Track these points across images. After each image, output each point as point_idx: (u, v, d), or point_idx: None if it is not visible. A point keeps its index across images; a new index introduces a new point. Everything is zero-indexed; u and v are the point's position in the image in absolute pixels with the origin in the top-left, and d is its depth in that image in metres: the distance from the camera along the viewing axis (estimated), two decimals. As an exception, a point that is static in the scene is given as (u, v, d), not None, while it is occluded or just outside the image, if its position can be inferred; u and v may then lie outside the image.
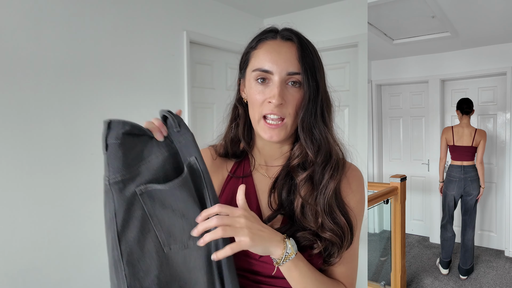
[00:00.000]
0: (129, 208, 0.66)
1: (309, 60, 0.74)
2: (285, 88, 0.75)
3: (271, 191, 0.79)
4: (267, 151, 0.84)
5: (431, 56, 3.50)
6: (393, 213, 2.61)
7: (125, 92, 2.21)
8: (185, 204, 0.68)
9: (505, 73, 3.24)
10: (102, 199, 0.67)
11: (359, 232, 0.81)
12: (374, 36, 2.97)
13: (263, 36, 0.79)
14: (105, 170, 0.66)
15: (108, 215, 0.67)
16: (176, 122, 0.71)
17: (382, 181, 3.95)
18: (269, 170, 0.84)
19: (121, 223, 0.66)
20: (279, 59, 0.74)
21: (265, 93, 0.75)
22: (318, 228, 0.73)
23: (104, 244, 0.69)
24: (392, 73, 3.83)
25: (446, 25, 2.72)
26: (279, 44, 0.76)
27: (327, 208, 0.73)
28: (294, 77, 0.74)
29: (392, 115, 3.97)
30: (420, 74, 3.61)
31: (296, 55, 0.74)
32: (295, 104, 0.75)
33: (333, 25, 2.85)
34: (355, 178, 0.81)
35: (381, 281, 2.85)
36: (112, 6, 2.14)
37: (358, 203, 0.80)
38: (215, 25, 2.80)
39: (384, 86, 3.98)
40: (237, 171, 0.86)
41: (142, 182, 0.67)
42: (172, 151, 0.71)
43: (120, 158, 0.65)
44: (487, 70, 3.28)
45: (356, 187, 0.81)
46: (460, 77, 3.40)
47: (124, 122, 0.66)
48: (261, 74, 0.76)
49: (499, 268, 3.12)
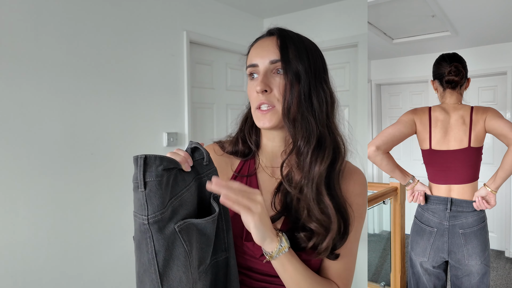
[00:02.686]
0: (169, 247, 0.63)
1: (290, 47, 0.77)
2: (271, 76, 0.78)
3: (275, 192, 0.80)
4: (273, 147, 0.86)
5: (431, 56, 3.49)
6: (393, 213, 2.60)
7: (125, 92, 2.21)
8: (212, 237, 0.71)
9: (505, 73, 3.24)
10: (102, 199, 0.67)
11: (358, 234, 0.81)
12: (374, 36, 2.97)
13: (255, 40, 0.85)
14: (139, 209, 0.63)
15: (145, 257, 0.63)
16: (206, 155, 0.72)
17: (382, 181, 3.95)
18: (274, 171, 0.85)
19: (162, 263, 0.62)
20: (262, 51, 0.79)
21: (254, 85, 0.80)
22: (305, 217, 0.73)
23: (104, 244, 0.68)
24: (391, 73, 3.83)
25: (446, 24, 2.72)
26: (264, 39, 0.82)
27: (314, 195, 0.73)
28: (276, 64, 0.77)
29: (392, 115, 3.97)
30: (420, 74, 3.61)
31: (277, 45, 0.78)
32: (281, 90, 0.77)
33: (333, 25, 2.85)
34: (360, 182, 0.83)
35: (381, 281, 2.85)
36: (112, 6, 2.14)
37: (360, 206, 0.82)
38: (215, 25, 2.80)
39: (384, 86, 3.98)
40: (242, 170, 0.88)
41: (179, 218, 0.66)
42: (197, 183, 0.72)
43: (161, 196, 0.63)
44: (487, 69, 3.27)
45: (360, 191, 0.82)
46: (460, 77, 3.39)
47: (161, 158, 0.63)
48: (250, 69, 0.81)
49: (499, 269, 3.12)
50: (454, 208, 1.57)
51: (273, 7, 2.95)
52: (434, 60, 1.68)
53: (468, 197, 1.57)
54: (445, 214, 1.58)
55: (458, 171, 1.58)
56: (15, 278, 1.77)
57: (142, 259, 0.63)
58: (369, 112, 3.55)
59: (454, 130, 1.58)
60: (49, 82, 1.88)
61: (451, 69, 1.58)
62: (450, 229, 1.56)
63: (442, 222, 1.58)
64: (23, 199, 1.80)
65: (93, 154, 2.05)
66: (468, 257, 1.55)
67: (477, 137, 1.54)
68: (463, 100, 1.65)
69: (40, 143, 1.86)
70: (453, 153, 1.58)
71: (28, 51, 1.80)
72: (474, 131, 1.54)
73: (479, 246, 1.54)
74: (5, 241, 1.74)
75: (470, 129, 1.54)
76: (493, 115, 1.51)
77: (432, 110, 1.63)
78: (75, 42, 1.98)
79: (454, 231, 1.56)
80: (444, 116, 1.60)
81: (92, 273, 2.06)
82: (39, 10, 1.84)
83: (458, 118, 1.57)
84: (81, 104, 2.01)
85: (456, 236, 1.56)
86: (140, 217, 0.62)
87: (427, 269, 1.66)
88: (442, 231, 1.58)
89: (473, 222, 1.55)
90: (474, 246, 1.54)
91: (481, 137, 1.54)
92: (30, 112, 1.82)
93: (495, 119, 1.50)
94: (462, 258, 1.55)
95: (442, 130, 1.60)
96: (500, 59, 3.22)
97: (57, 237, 1.92)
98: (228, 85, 3.01)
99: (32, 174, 1.83)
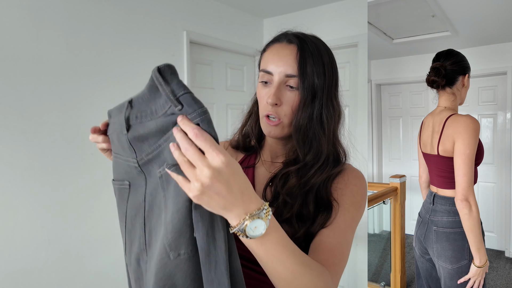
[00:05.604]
0: (153, 193, 0.61)
1: (309, 62, 0.76)
2: (284, 89, 0.78)
3: (267, 184, 0.82)
4: (273, 147, 0.88)
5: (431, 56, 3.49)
6: (393, 213, 2.61)
7: (125, 92, 2.21)
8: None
9: (505, 73, 3.24)
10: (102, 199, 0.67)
11: (351, 231, 0.76)
12: (374, 36, 2.97)
13: (273, 39, 0.84)
14: (129, 153, 0.62)
15: (140, 198, 0.64)
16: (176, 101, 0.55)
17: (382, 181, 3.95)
18: (272, 166, 0.87)
19: (148, 208, 0.61)
20: (279, 61, 0.77)
21: (266, 94, 0.79)
22: (286, 213, 0.74)
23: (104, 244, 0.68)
24: (391, 73, 3.83)
25: (446, 24, 2.72)
26: (283, 46, 0.79)
27: (301, 201, 0.75)
28: (291, 79, 0.76)
29: (392, 115, 3.97)
30: (420, 74, 3.60)
31: (296, 59, 0.76)
32: (290, 106, 0.77)
33: (333, 25, 2.85)
34: (354, 175, 0.81)
35: (381, 281, 2.85)
36: (112, 6, 2.14)
37: (354, 205, 0.77)
38: (215, 25, 2.80)
39: (384, 86, 3.98)
40: (244, 163, 0.91)
41: (161, 163, 0.58)
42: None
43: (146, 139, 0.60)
44: (487, 69, 3.27)
45: (357, 190, 0.79)
46: (460, 77, 3.39)
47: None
48: (264, 75, 0.79)
49: (499, 269, 3.12)
50: (435, 202, 1.59)
51: (273, 7, 2.95)
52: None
53: (448, 194, 1.56)
54: (429, 207, 1.62)
55: (433, 175, 1.64)
56: (15, 278, 1.77)
57: (135, 203, 0.64)
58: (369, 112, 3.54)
59: (431, 135, 1.58)
60: (49, 82, 1.88)
61: (431, 69, 1.56)
62: (429, 223, 1.59)
63: (426, 215, 1.63)
64: (23, 199, 1.80)
65: (93, 154, 2.05)
66: (438, 256, 1.52)
67: (444, 148, 1.50)
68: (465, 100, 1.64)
69: (40, 143, 1.85)
70: (428, 156, 1.64)
71: (28, 51, 1.80)
72: (443, 142, 1.50)
73: (449, 251, 1.48)
74: (5, 241, 1.74)
75: (439, 138, 1.51)
76: (460, 139, 1.42)
77: (425, 118, 1.69)
78: (75, 42, 1.98)
79: (431, 227, 1.57)
80: (430, 120, 1.62)
81: (92, 273, 2.06)
82: (39, 10, 1.84)
83: (436, 123, 1.56)
84: (81, 104, 2.01)
85: (431, 231, 1.57)
86: (132, 160, 0.63)
87: (417, 254, 1.72)
88: (424, 223, 1.62)
89: (447, 223, 1.51)
90: (444, 248, 1.50)
91: (449, 149, 1.48)
92: (30, 112, 1.82)
93: (459, 143, 1.42)
94: (433, 255, 1.57)
95: (426, 134, 1.64)
96: (500, 59, 3.22)
97: (57, 237, 1.92)
98: (228, 85, 3.01)
99: (32, 174, 1.83)
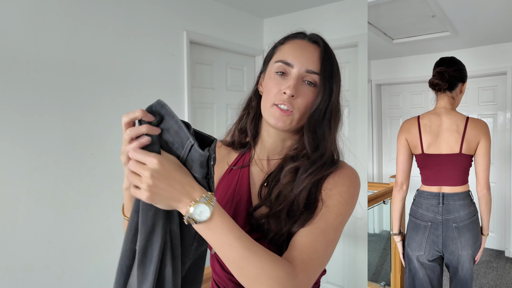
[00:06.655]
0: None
1: (329, 65, 0.79)
2: (301, 84, 0.78)
3: (263, 183, 0.82)
4: (270, 144, 0.86)
5: (431, 56, 3.49)
6: (393, 213, 2.60)
7: (125, 92, 2.21)
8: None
9: (505, 73, 3.24)
10: (102, 199, 0.67)
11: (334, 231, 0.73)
12: (374, 36, 2.97)
13: (292, 35, 0.84)
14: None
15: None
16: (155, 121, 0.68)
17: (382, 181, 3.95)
18: (269, 163, 0.86)
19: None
20: (301, 55, 0.78)
21: (281, 85, 0.78)
22: (275, 209, 0.75)
23: (104, 244, 0.68)
24: (392, 73, 3.83)
25: (446, 24, 2.72)
26: (306, 43, 0.81)
27: (291, 200, 0.76)
28: (311, 76, 0.78)
29: (392, 115, 3.97)
30: (420, 74, 3.61)
31: (319, 57, 0.78)
32: (306, 101, 0.78)
33: (333, 25, 2.85)
34: (344, 174, 0.79)
35: (381, 281, 2.85)
36: (112, 6, 2.14)
37: (340, 205, 0.75)
38: (215, 25, 2.80)
39: (384, 86, 3.98)
40: (238, 163, 0.90)
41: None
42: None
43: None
44: (487, 69, 3.27)
45: (346, 190, 0.77)
46: (460, 77, 3.39)
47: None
48: (282, 66, 0.79)
49: (499, 269, 3.12)
50: (446, 201, 1.67)
51: (273, 7, 2.95)
52: (435, 61, 1.77)
53: (458, 191, 1.69)
54: (438, 209, 1.67)
55: (449, 174, 1.68)
56: (15, 278, 1.77)
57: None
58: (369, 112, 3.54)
59: (445, 135, 1.66)
60: (49, 83, 1.88)
61: (435, 73, 1.68)
62: (443, 223, 1.66)
63: (435, 216, 1.68)
64: (23, 199, 1.80)
65: (93, 154, 2.05)
66: (461, 248, 1.65)
67: (469, 147, 1.65)
68: (462, 103, 1.75)
69: (40, 143, 1.85)
70: (445, 157, 1.68)
71: (28, 51, 1.80)
72: (467, 140, 1.64)
73: (471, 238, 1.66)
74: (5, 241, 1.74)
75: (463, 137, 1.63)
76: (484, 139, 1.63)
77: (420, 118, 1.73)
78: (75, 42, 1.98)
79: (448, 225, 1.66)
80: (434, 121, 1.69)
81: (92, 273, 2.06)
82: (39, 10, 1.84)
83: (451, 124, 1.66)
84: (81, 104, 2.01)
85: (450, 229, 1.66)
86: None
87: (423, 263, 1.74)
88: (436, 225, 1.67)
89: (465, 216, 1.65)
90: (467, 238, 1.65)
91: (473, 148, 1.65)
92: (30, 112, 1.82)
93: (482, 143, 1.63)
94: (455, 250, 1.66)
95: (432, 134, 1.69)
96: (500, 59, 3.21)
97: (57, 237, 1.92)
98: (228, 85, 3.01)
99: (32, 174, 1.83)
